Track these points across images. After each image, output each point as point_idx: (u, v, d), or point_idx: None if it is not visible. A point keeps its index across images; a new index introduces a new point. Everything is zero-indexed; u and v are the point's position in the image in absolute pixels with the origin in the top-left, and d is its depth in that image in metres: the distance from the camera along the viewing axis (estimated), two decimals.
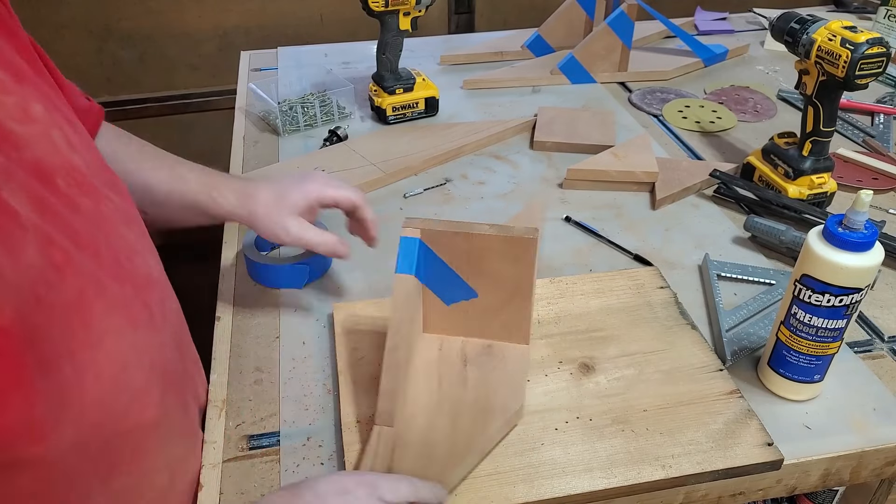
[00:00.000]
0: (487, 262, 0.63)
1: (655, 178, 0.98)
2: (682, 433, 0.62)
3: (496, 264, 0.63)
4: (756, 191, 0.94)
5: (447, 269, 0.65)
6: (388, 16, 1.09)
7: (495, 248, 0.62)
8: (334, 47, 1.49)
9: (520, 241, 0.61)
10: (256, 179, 0.75)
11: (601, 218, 0.93)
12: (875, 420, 0.65)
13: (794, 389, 0.66)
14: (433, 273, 0.65)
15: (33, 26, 1.75)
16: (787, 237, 0.83)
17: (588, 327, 0.73)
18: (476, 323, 0.68)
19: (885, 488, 0.70)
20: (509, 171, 1.05)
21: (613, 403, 0.65)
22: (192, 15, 1.87)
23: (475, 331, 0.69)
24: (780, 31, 0.90)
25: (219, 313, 0.78)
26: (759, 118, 1.20)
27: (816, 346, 0.62)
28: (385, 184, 1.01)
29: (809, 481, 0.64)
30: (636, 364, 0.69)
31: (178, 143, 2.06)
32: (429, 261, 0.64)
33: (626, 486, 0.58)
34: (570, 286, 0.78)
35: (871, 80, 0.82)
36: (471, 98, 1.26)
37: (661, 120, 1.19)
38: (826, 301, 0.59)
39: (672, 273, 0.82)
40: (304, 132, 1.15)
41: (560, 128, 1.12)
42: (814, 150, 0.90)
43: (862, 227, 0.57)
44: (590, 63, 1.30)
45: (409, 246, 0.62)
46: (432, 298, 0.67)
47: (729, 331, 0.73)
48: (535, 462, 0.60)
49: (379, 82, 1.15)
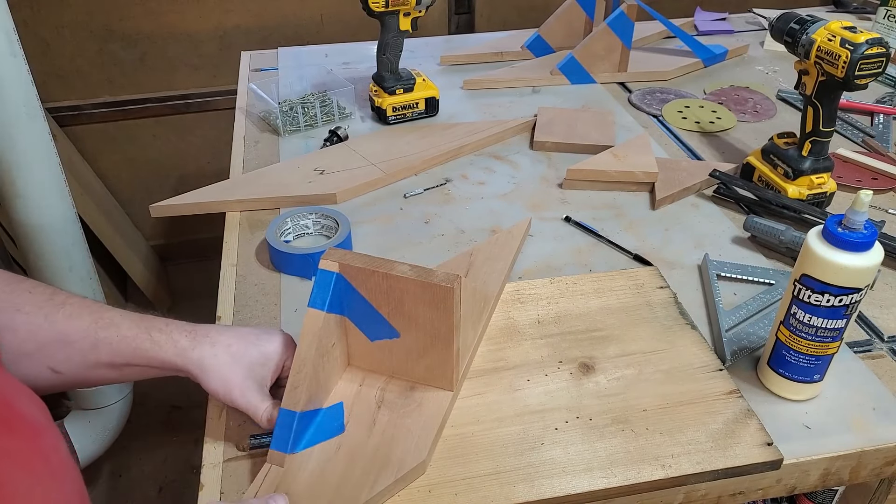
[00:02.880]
0: (406, 304, 0.60)
1: (655, 178, 0.98)
2: (682, 433, 0.62)
3: (415, 307, 0.60)
4: (756, 191, 0.94)
5: (367, 305, 0.61)
6: (389, 16, 1.09)
7: (413, 291, 0.59)
8: (335, 48, 1.49)
9: (437, 288, 0.58)
10: (206, 325, 0.65)
11: (601, 218, 0.93)
12: (874, 420, 0.65)
13: (794, 389, 0.66)
14: (354, 308, 0.62)
15: (34, 26, 1.75)
16: (787, 237, 0.83)
17: (588, 327, 0.73)
18: (400, 363, 0.64)
19: (884, 488, 0.70)
20: (509, 171, 1.05)
21: (613, 403, 0.65)
22: (192, 15, 1.87)
23: (399, 371, 0.65)
24: (780, 32, 0.90)
25: (219, 313, 0.78)
26: (758, 118, 1.20)
27: (816, 346, 0.63)
28: (385, 184, 1.01)
29: (809, 481, 0.64)
30: (636, 364, 0.69)
31: (178, 144, 2.07)
32: (349, 295, 0.61)
33: (625, 486, 0.58)
34: (569, 286, 0.79)
35: (870, 80, 0.82)
36: (471, 98, 1.26)
37: (661, 120, 1.19)
38: (826, 301, 0.60)
39: (672, 273, 0.82)
40: (304, 132, 1.15)
41: (560, 128, 1.12)
42: (813, 150, 0.90)
43: (861, 227, 0.57)
44: (590, 63, 1.31)
45: (324, 280, 0.59)
46: (356, 333, 0.64)
47: (729, 331, 0.73)
48: (535, 462, 0.60)
49: (379, 82, 1.15)
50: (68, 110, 1.91)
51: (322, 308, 0.59)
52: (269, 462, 0.59)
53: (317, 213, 0.88)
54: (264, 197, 0.95)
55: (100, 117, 1.95)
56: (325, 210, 0.88)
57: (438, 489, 0.57)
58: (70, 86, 1.90)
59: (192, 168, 2.10)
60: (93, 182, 1.97)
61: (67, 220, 1.43)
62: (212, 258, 0.89)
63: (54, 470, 0.45)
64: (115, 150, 2.02)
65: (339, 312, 0.62)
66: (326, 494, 0.56)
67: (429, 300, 0.59)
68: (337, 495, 0.56)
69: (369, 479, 0.56)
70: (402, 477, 0.57)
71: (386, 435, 0.60)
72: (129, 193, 2.09)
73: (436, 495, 0.57)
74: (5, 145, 1.29)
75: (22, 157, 1.31)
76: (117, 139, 2.00)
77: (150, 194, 1.88)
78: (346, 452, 0.59)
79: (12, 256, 1.65)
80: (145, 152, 2.05)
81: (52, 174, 1.38)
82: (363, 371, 0.67)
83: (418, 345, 0.62)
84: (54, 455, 0.46)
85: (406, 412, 0.62)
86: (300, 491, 0.56)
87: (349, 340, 0.65)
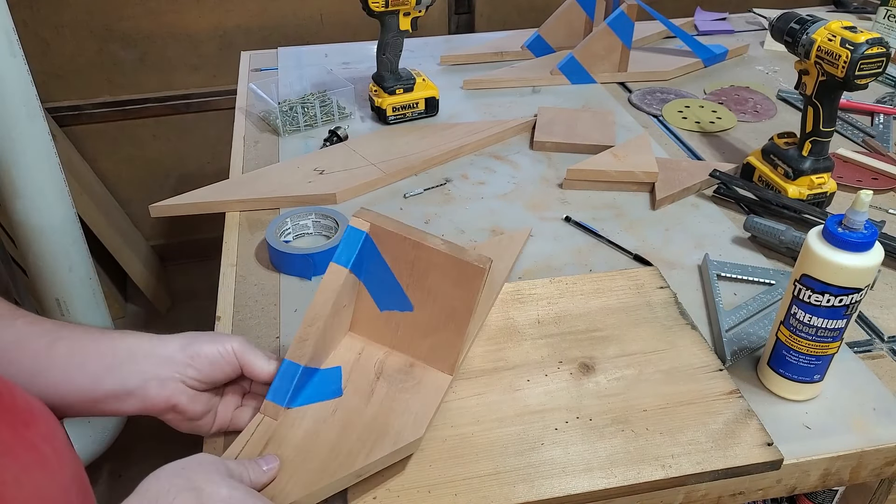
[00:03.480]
0: (430, 278, 0.59)
1: (655, 178, 0.98)
2: (682, 433, 0.62)
3: (438, 282, 0.59)
4: (756, 191, 0.94)
5: (388, 272, 0.60)
6: (388, 16, 1.09)
7: (441, 266, 0.58)
8: (334, 47, 1.49)
9: (468, 266, 0.57)
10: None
11: (601, 218, 0.93)
12: (875, 420, 0.65)
13: (794, 389, 0.66)
14: (373, 273, 0.61)
15: (34, 26, 1.75)
16: (787, 237, 0.83)
17: (588, 327, 0.73)
18: (405, 338, 0.64)
19: (884, 488, 0.70)
20: (509, 171, 1.05)
21: (613, 403, 0.65)
22: (192, 15, 1.88)
23: (402, 345, 0.64)
24: (780, 32, 0.90)
25: (219, 313, 0.78)
26: (758, 118, 1.20)
27: (816, 346, 0.62)
28: (385, 184, 1.01)
29: (809, 481, 0.64)
30: (636, 364, 0.69)
31: (178, 144, 2.07)
32: (371, 259, 0.60)
33: (625, 486, 0.58)
34: (569, 286, 0.78)
35: (870, 80, 0.82)
36: (471, 98, 1.26)
37: (661, 120, 1.19)
38: (826, 301, 0.60)
39: (672, 273, 0.82)
40: (304, 132, 1.15)
41: (560, 128, 1.12)
42: (813, 150, 0.90)
43: (861, 227, 0.57)
44: (590, 63, 1.31)
45: (353, 238, 0.58)
46: (366, 299, 0.63)
47: (729, 331, 0.73)
48: (535, 462, 0.60)
49: (379, 82, 1.15)
50: (68, 110, 1.91)
51: (346, 266, 0.58)
52: (263, 413, 0.58)
53: (316, 213, 0.88)
54: (264, 197, 0.95)
55: (100, 117, 1.95)
56: (324, 210, 0.88)
57: (438, 489, 0.57)
58: (70, 86, 1.90)
59: (192, 168, 2.10)
60: (92, 182, 1.97)
61: (67, 220, 1.44)
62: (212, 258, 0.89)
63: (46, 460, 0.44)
64: (114, 150, 2.02)
65: (357, 275, 0.61)
66: (319, 455, 0.56)
67: (455, 277, 0.58)
68: (331, 457, 0.55)
69: (365, 447, 0.56)
70: (399, 450, 0.57)
71: (384, 406, 0.60)
72: (128, 193, 2.09)
73: (436, 495, 0.57)
74: (5, 145, 1.29)
75: (22, 157, 1.31)
76: (117, 139, 2.00)
77: (150, 194, 1.88)
78: (343, 417, 0.59)
79: (12, 256, 1.65)
80: (145, 152, 2.05)
81: (52, 174, 1.38)
82: (363, 339, 0.66)
83: (430, 322, 0.61)
84: (46, 445, 0.45)
85: (405, 387, 0.62)
86: (292, 447, 0.56)
87: (357, 305, 0.64)
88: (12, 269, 1.67)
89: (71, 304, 1.50)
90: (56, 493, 0.44)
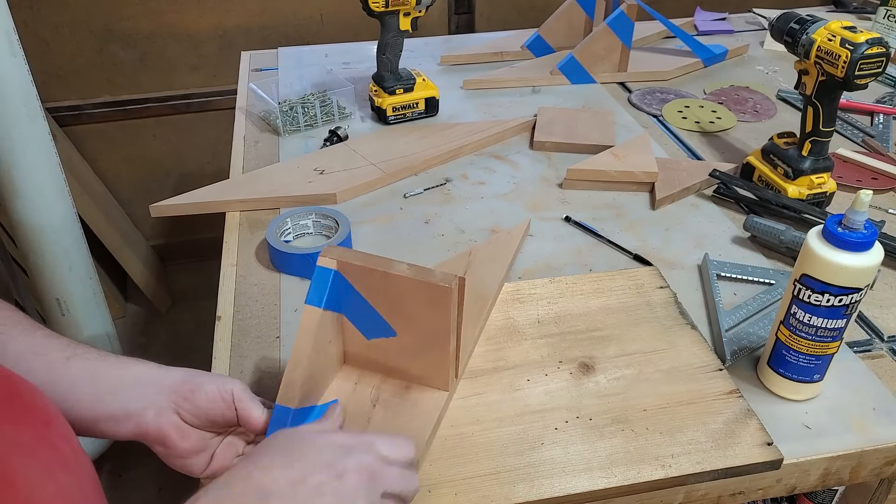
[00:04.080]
0: (405, 303, 0.60)
1: (655, 178, 0.98)
2: (682, 433, 0.62)
3: (413, 306, 0.59)
4: (756, 191, 0.94)
5: (365, 303, 0.61)
6: (389, 16, 1.09)
7: (411, 290, 0.58)
8: (335, 47, 1.49)
9: (435, 288, 0.57)
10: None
11: (601, 218, 0.93)
12: (874, 420, 0.65)
13: (794, 389, 0.66)
14: (352, 306, 0.62)
15: (34, 26, 1.75)
16: (787, 237, 0.83)
17: (588, 327, 0.73)
18: (396, 362, 0.64)
19: (884, 488, 0.70)
20: (509, 171, 1.05)
21: (613, 403, 0.65)
22: (192, 15, 1.88)
23: (394, 371, 0.65)
24: (780, 32, 0.90)
25: (219, 313, 0.78)
26: (758, 118, 1.20)
27: (816, 346, 0.63)
28: (385, 184, 1.01)
29: (809, 481, 0.64)
30: (636, 364, 0.69)
31: (178, 144, 2.07)
32: (347, 293, 0.61)
33: (625, 486, 0.58)
34: (569, 286, 0.79)
35: (870, 80, 0.82)
36: (471, 98, 1.26)
37: (661, 120, 1.19)
38: (826, 301, 0.60)
39: (672, 273, 0.82)
40: (304, 132, 1.15)
41: (560, 128, 1.12)
42: (813, 150, 0.90)
43: (861, 226, 0.57)
44: (590, 63, 1.31)
45: (322, 277, 0.59)
46: (353, 331, 0.64)
47: (728, 330, 0.73)
48: (535, 462, 0.60)
49: (379, 82, 1.15)
50: (68, 110, 1.91)
51: (319, 305, 0.58)
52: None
53: (317, 213, 0.88)
54: (264, 197, 0.95)
55: (100, 117, 1.95)
56: (324, 210, 0.88)
57: (438, 489, 0.57)
58: (70, 86, 1.90)
59: (192, 168, 2.10)
60: (93, 182, 1.97)
61: (67, 220, 1.44)
62: (212, 258, 0.89)
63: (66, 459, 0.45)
64: (114, 150, 2.02)
65: (337, 310, 0.62)
66: None
67: (426, 299, 0.58)
68: None
69: None
70: None
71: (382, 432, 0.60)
72: (128, 193, 2.09)
73: (436, 495, 0.57)
74: (5, 145, 1.29)
75: (22, 157, 1.31)
76: (117, 139, 2.00)
77: (150, 194, 1.88)
78: None
79: (12, 256, 1.65)
80: (145, 152, 2.05)
81: (52, 174, 1.38)
82: (359, 370, 0.66)
83: (415, 344, 0.62)
84: (65, 444, 0.46)
85: (400, 411, 0.62)
86: None
87: (346, 338, 0.65)
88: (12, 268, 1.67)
89: (71, 303, 1.50)
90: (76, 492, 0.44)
